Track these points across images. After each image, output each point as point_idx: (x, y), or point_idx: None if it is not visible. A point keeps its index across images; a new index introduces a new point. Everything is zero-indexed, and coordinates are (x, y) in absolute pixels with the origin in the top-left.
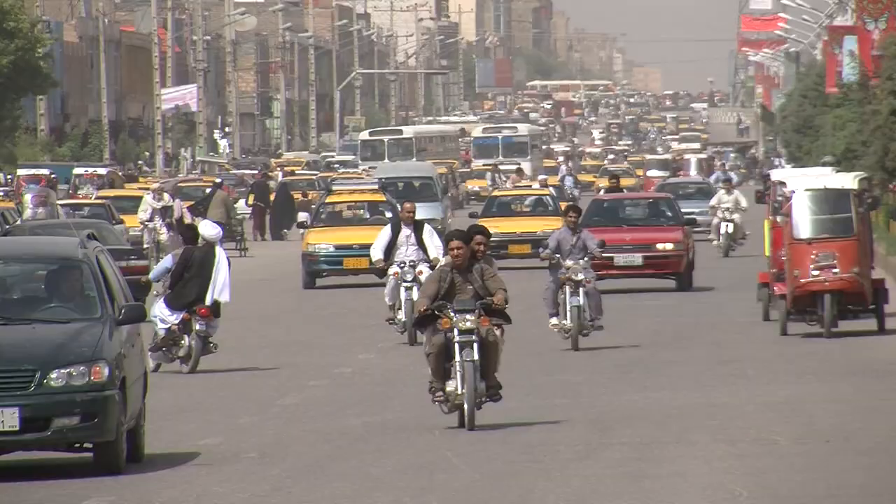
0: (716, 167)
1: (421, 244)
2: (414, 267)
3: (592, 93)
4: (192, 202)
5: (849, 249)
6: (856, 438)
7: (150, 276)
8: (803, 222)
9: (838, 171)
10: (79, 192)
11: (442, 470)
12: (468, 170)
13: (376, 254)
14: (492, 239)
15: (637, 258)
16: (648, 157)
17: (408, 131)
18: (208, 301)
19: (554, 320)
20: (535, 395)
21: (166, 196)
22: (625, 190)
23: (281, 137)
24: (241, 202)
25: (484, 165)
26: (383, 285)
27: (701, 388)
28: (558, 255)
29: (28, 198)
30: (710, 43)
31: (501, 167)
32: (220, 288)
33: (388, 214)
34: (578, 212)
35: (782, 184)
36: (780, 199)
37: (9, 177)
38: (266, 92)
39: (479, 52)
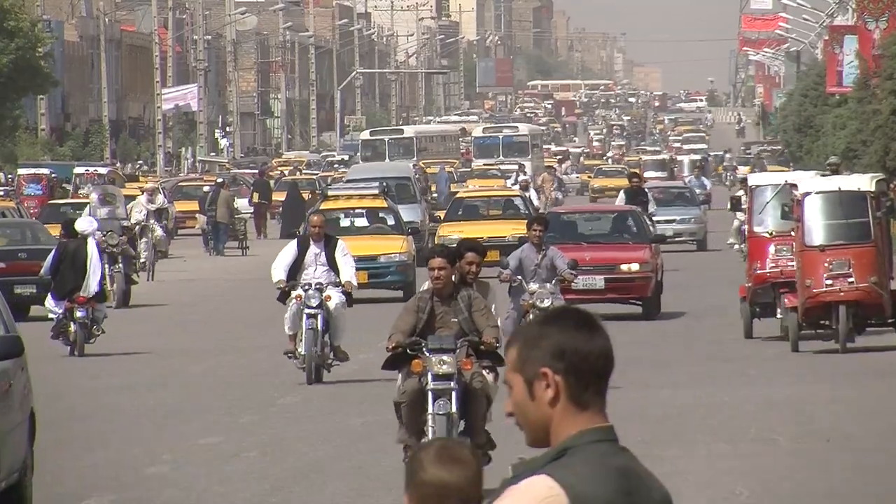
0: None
1: (332, 264)
2: (321, 291)
3: (593, 92)
4: (196, 201)
5: (865, 257)
6: (856, 438)
7: (42, 271)
8: (816, 228)
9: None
10: (79, 192)
11: None
12: (469, 169)
13: (277, 274)
14: (454, 246)
15: (598, 281)
16: (645, 157)
17: (408, 131)
18: (96, 288)
19: None
20: None
21: (160, 198)
22: (649, 194)
23: (281, 137)
24: (242, 201)
25: (503, 164)
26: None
27: (701, 388)
28: (520, 277)
29: (94, 197)
30: (710, 43)
31: (502, 167)
32: (96, 278)
33: (391, 221)
34: (545, 225)
35: (794, 186)
36: (788, 202)
37: (9, 176)
38: (266, 91)
39: (480, 51)
